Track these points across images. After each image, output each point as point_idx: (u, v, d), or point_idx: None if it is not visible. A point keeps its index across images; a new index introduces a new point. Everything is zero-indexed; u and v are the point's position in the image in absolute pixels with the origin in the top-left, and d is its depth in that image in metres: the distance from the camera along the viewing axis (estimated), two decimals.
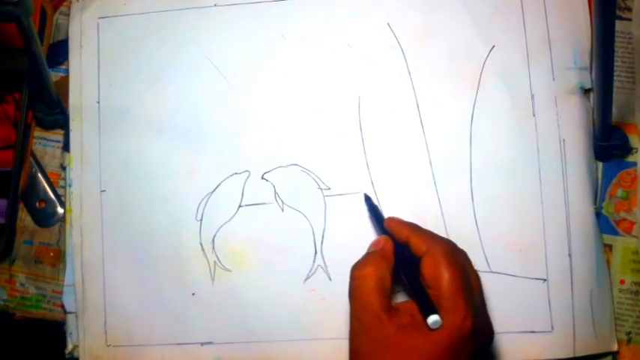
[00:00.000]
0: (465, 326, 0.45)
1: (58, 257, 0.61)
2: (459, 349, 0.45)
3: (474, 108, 0.58)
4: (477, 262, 0.55)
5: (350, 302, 0.48)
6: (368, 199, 0.57)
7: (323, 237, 0.57)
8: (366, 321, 0.47)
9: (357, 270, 0.49)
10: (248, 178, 0.59)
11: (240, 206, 0.58)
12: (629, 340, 0.56)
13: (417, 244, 0.49)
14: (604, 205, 0.57)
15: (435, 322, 0.45)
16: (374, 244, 0.52)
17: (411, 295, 0.48)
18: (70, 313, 0.59)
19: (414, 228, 0.51)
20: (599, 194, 0.57)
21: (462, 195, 0.57)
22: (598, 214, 0.57)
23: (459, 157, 0.57)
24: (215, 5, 0.61)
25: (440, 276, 0.46)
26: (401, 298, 0.53)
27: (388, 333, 0.45)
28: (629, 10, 0.59)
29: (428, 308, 0.45)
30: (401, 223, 0.52)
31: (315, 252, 0.57)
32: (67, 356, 0.59)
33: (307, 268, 0.57)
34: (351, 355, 0.48)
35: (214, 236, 0.58)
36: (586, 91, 0.57)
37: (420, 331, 0.45)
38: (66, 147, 0.61)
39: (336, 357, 0.56)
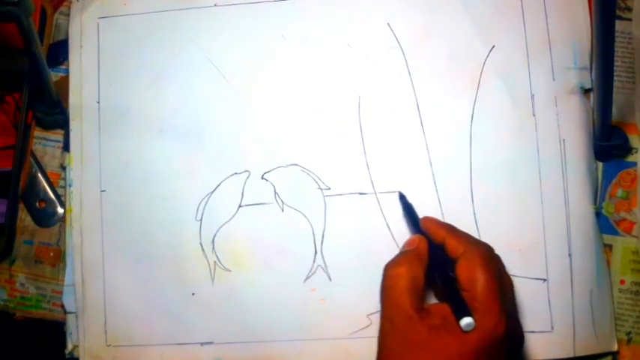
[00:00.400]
0: (497, 330, 0.45)
1: (58, 257, 0.61)
2: (490, 353, 0.45)
3: (474, 108, 0.58)
4: None
5: (381, 301, 0.48)
6: (402, 198, 0.56)
7: (323, 237, 0.57)
8: (397, 320, 0.47)
9: (390, 269, 0.49)
10: (248, 178, 0.59)
11: (240, 206, 0.58)
12: (629, 340, 0.56)
13: (454, 246, 0.49)
14: (604, 205, 0.57)
15: (468, 325, 0.45)
16: (408, 244, 0.52)
17: (443, 297, 0.48)
18: (70, 313, 0.59)
19: (451, 229, 0.51)
20: (599, 194, 0.57)
21: (462, 195, 0.57)
22: (598, 214, 0.57)
23: (459, 157, 0.57)
24: (215, 5, 0.61)
25: (476, 279, 0.46)
26: (431, 299, 0.53)
27: (419, 333, 0.45)
28: (629, 10, 0.59)
29: (461, 310, 0.45)
30: (437, 224, 0.52)
31: (315, 252, 0.57)
32: (67, 356, 0.59)
33: (307, 268, 0.57)
34: (379, 354, 0.48)
35: (214, 236, 0.58)
36: (586, 91, 0.57)
37: (452, 332, 0.45)
38: (66, 147, 0.61)
39: (336, 357, 0.56)
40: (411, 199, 0.57)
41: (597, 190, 0.57)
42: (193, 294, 0.58)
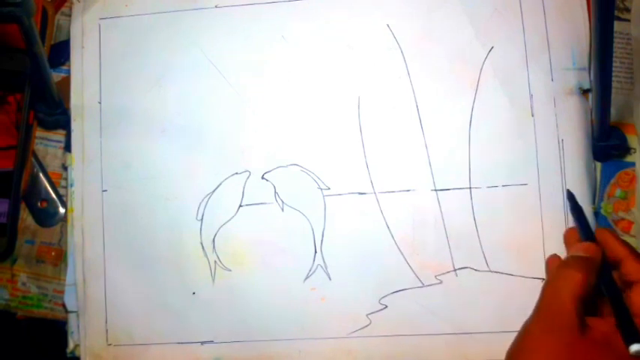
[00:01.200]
0: None
1: (59, 257, 0.61)
2: None
3: (473, 108, 0.58)
4: (477, 262, 0.56)
5: (544, 295, 0.48)
6: (571, 198, 0.55)
7: (323, 237, 0.57)
8: (557, 322, 0.46)
9: (565, 270, 0.48)
10: (248, 178, 0.59)
11: (240, 206, 0.58)
12: None
13: (635, 269, 0.48)
14: (602, 205, 0.57)
15: (637, 352, 0.44)
16: (583, 249, 0.50)
17: (611, 314, 0.48)
18: (72, 312, 0.59)
19: (632, 250, 0.49)
20: (597, 194, 0.57)
21: (461, 195, 0.57)
22: (596, 214, 0.57)
23: (459, 157, 0.57)
24: (216, 7, 0.61)
25: None
26: None
27: (580, 344, 0.45)
28: (628, 10, 0.59)
29: (633, 334, 0.45)
30: (617, 240, 0.50)
31: (315, 251, 0.57)
32: (68, 355, 0.59)
33: (307, 267, 0.57)
34: (522, 338, 0.47)
35: (215, 236, 0.58)
36: (584, 92, 0.58)
37: (615, 353, 0.45)
38: (67, 147, 0.62)
39: (336, 356, 0.56)
40: (410, 200, 0.57)
41: (596, 190, 0.57)
42: (194, 293, 0.58)
